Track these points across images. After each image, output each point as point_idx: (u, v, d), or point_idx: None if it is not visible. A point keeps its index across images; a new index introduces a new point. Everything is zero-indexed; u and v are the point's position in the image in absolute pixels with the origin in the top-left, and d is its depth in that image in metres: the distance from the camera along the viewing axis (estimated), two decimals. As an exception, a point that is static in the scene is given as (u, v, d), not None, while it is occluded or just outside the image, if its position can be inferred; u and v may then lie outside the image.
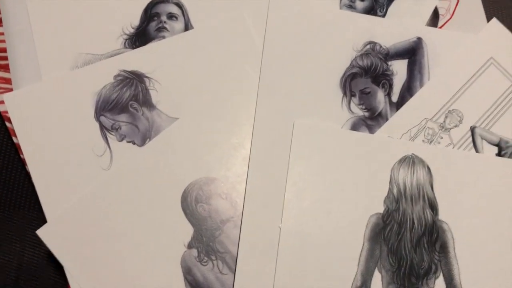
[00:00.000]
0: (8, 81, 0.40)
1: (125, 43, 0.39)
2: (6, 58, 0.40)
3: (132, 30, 0.39)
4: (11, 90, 0.39)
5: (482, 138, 0.41)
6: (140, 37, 0.39)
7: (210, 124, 0.38)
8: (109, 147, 0.37)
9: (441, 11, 0.44)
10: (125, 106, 0.38)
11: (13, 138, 0.39)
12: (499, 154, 0.40)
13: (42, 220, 0.36)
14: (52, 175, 0.36)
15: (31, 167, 0.36)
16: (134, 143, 0.37)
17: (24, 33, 0.39)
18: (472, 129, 0.41)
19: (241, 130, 0.38)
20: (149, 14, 0.40)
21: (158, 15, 0.40)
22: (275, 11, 0.41)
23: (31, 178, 0.37)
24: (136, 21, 0.40)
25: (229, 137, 0.38)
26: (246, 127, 0.38)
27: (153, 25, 0.40)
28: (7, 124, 0.39)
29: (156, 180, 0.36)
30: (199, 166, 0.37)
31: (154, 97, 0.38)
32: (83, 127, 0.37)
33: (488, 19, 0.44)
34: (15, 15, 0.39)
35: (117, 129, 0.37)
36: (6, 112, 0.38)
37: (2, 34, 0.40)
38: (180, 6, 0.40)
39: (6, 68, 0.40)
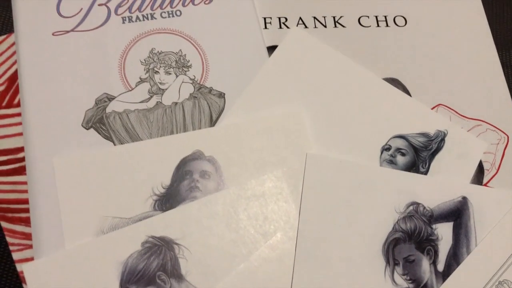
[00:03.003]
0: (28, 236, 0.38)
1: (154, 204, 0.38)
2: (27, 211, 0.38)
3: (162, 191, 0.38)
4: (30, 247, 0.38)
5: (536, 313, 0.38)
6: (171, 197, 0.38)
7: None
8: (133, 324, 0.34)
9: (486, 166, 0.43)
10: (152, 278, 0.36)
11: (30, 304, 0.36)
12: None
13: None
14: None
15: None
16: (161, 320, 0.35)
17: (48, 191, 0.38)
18: (526, 304, 0.38)
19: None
20: (181, 172, 0.38)
21: (190, 173, 0.38)
22: (311, 171, 0.39)
23: None
24: (167, 180, 0.38)
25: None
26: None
27: (185, 184, 0.38)
28: (24, 286, 0.37)
29: None
30: None
31: (184, 267, 0.36)
32: (106, 302, 0.35)
33: (537, 172, 0.42)
34: (40, 170, 0.38)
35: (143, 304, 0.35)
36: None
37: (25, 183, 0.39)
38: (213, 163, 0.39)
39: (27, 222, 0.38)
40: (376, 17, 0.47)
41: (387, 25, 0.47)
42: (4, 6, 0.47)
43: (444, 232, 0.40)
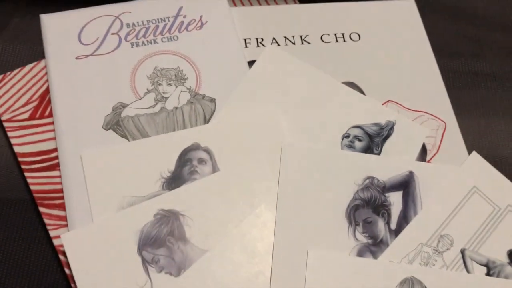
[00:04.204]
0: (62, 218, 0.47)
1: (163, 185, 0.46)
2: (62, 198, 0.47)
3: (168, 174, 0.47)
4: (64, 226, 0.46)
5: (472, 259, 0.46)
6: (176, 180, 0.47)
7: (234, 255, 0.44)
8: (149, 278, 0.43)
9: (428, 147, 0.52)
10: (163, 241, 0.44)
11: (65, 269, 0.45)
12: (488, 274, 0.46)
13: None
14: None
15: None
16: (171, 274, 0.43)
17: (79, 180, 0.46)
18: (462, 252, 0.46)
19: (261, 259, 0.44)
20: (182, 160, 0.48)
21: (190, 160, 0.48)
22: (286, 156, 0.48)
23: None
24: (172, 167, 0.47)
25: (250, 267, 0.44)
26: (265, 256, 0.44)
27: (186, 169, 0.47)
28: (60, 256, 0.46)
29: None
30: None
31: (188, 232, 0.45)
32: (128, 261, 0.43)
33: (469, 151, 0.51)
34: (72, 164, 0.47)
35: (156, 262, 0.43)
36: (60, 245, 0.45)
37: (58, 177, 0.48)
38: (208, 152, 0.48)
39: (61, 207, 0.47)
40: (335, 34, 0.57)
41: (344, 41, 0.56)
42: (34, 40, 0.57)
43: (395, 199, 0.47)
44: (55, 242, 0.46)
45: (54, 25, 0.53)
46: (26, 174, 0.49)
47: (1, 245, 0.48)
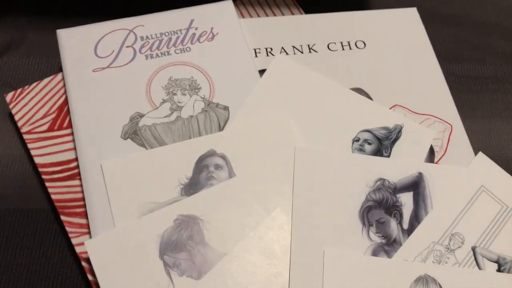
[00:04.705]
0: (83, 226, 0.48)
1: (181, 191, 0.48)
2: (83, 206, 0.48)
3: (186, 181, 0.48)
4: (85, 234, 0.48)
5: (483, 256, 0.48)
6: (193, 185, 0.48)
7: (252, 257, 0.45)
8: (172, 281, 0.44)
9: (436, 149, 0.53)
10: (184, 245, 0.45)
11: (89, 276, 0.46)
12: (499, 270, 0.47)
13: None
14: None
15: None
16: (192, 277, 0.44)
17: (100, 188, 0.48)
18: (473, 249, 0.48)
19: (279, 261, 0.46)
20: (199, 166, 0.49)
21: (207, 166, 0.49)
22: (300, 159, 0.50)
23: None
24: (189, 173, 0.49)
25: (268, 268, 0.45)
26: (283, 257, 0.46)
27: (203, 175, 0.49)
28: (83, 263, 0.47)
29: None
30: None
31: (207, 236, 0.46)
32: (150, 265, 0.44)
33: (475, 152, 0.53)
34: (93, 173, 0.48)
35: (178, 266, 0.45)
36: (82, 252, 0.46)
37: (78, 186, 0.49)
38: (224, 158, 0.50)
39: (82, 215, 0.49)
40: (341, 42, 0.59)
41: (350, 48, 0.58)
42: (50, 54, 0.59)
43: (406, 199, 0.49)
44: (78, 249, 0.47)
45: (71, 40, 0.54)
46: (47, 184, 0.50)
47: (24, 254, 0.49)
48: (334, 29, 0.60)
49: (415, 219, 0.49)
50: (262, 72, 0.55)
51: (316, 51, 0.58)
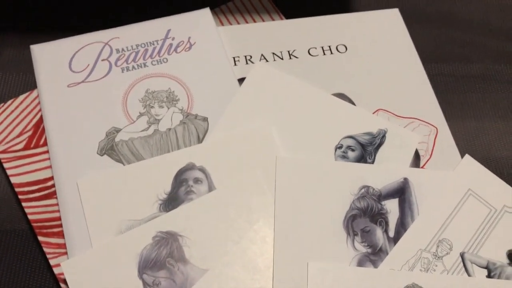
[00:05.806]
0: (61, 246, 0.47)
1: (160, 207, 0.47)
2: (60, 226, 0.47)
3: (165, 196, 0.47)
4: (64, 254, 0.47)
5: (472, 262, 0.47)
6: (172, 201, 0.47)
7: (235, 273, 0.44)
8: (151, 301, 0.43)
9: (421, 153, 0.52)
10: (163, 263, 0.44)
11: (67, 297, 0.45)
12: (489, 276, 0.46)
13: None
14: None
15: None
16: (173, 296, 0.43)
17: (76, 206, 0.47)
18: (462, 255, 0.47)
19: (262, 275, 0.44)
20: (178, 181, 0.48)
21: (186, 180, 0.48)
22: (281, 170, 0.49)
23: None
24: (168, 188, 0.48)
25: (252, 283, 0.44)
26: (266, 272, 0.44)
27: (182, 189, 0.48)
28: (62, 285, 0.46)
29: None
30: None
31: (187, 253, 0.45)
32: (128, 285, 0.43)
33: (462, 155, 0.52)
34: (68, 191, 0.47)
35: (157, 285, 0.43)
36: (60, 274, 0.45)
37: (55, 205, 0.48)
38: (203, 171, 0.48)
39: (59, 235, 0.47)
40: (322, 47, 0.58)
41: (331, 53, 0.57)
42: (25, 70, 0.58)
43: (391, 206, 0.48)
44: (56, 270, 0.46)
45: (45, 55, 0.53)
46: (24, 204, 0.49)
47: (2, 276, 0.48)
48: (314, 33, 0.59)
49: (401, 227, 0.48)
50: (242, 80, 0.55)
51: (296, 57, 0.57)
